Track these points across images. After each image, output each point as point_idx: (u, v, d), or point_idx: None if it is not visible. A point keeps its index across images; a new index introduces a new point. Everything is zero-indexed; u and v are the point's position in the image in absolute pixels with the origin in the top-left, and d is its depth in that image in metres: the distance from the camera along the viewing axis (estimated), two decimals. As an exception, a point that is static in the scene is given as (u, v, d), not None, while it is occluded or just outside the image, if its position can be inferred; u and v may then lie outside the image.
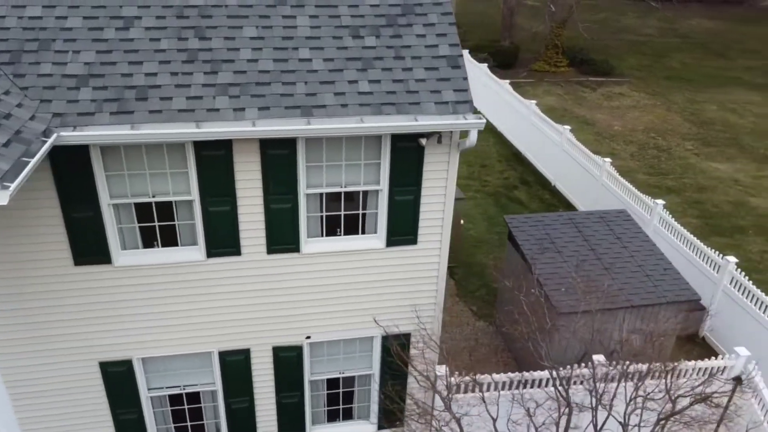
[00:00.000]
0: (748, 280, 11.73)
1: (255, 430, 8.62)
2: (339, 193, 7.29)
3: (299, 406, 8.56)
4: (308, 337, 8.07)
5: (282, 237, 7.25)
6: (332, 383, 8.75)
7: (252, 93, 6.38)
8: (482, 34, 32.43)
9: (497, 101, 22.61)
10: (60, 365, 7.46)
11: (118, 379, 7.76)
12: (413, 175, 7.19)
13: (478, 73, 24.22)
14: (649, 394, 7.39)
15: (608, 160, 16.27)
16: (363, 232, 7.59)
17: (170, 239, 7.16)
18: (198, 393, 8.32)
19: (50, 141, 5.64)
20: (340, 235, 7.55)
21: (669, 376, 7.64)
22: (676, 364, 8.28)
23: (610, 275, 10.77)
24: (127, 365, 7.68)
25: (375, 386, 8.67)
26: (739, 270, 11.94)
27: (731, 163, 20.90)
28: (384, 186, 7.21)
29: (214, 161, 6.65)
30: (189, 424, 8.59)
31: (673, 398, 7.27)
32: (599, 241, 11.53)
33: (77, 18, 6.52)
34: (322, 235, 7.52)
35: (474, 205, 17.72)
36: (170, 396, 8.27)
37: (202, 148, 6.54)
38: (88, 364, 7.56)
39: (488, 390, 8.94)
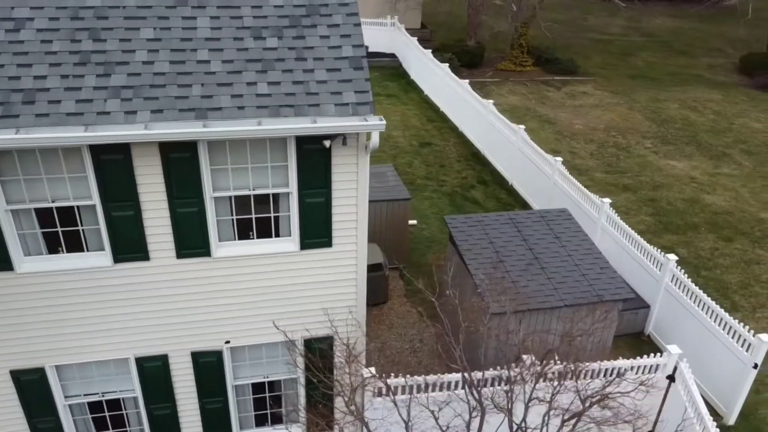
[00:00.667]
0: (692, 277, 11.80)
1: (179, 436, 8.53)
2: (249, 197, 7.21)
3: (224, 411, 8.47)
4: (228, 342, 7.98)
5: (191, 241, 7.17)
6: (259, 387, 8.67)
7: (145, 95, 6.29)
8: (449, 33, 32.54)
9: (458, 101, 22.66)
10: (-33, 375, 7.34)
11: (32, 388, 7.63)
12: (321, 177, 7.13)
13: (440, 74, 24.26)
14: (554, 395, 7.38)
15: (559, 159, 16.34)
16: (277, 236, 7.52)
17: (76, 245, 7.05)
18: (119, 400, 8.21)
19: (-74, 147, 5.51)
20: (253, 238, 7.47)
21: (582, 376, 7.64)
22: (586, 364, 8.29)
23: (546, 275, 10.80)
24: (39, 373, 7.55)
25: (301, 390, 8.60)
26: (680, 268, 12.02)
27: (688, 160, 21.09)
28: (293, 188, 7.15)
29: (113, 165, 6.55)
30: (112, 431, 8.47)
31: (582, 398, 7.27)
32: (538, 241, 11.55)
33: (-35, 20, 6.41)
34: (235, 239, 7.44)
35: (429, 205, 17.73)
36: (90, 403, 8.15)
37: (99, 152, 6.44)
38: (-2, 373, 7.44)
39: (401, 393, 8.90)
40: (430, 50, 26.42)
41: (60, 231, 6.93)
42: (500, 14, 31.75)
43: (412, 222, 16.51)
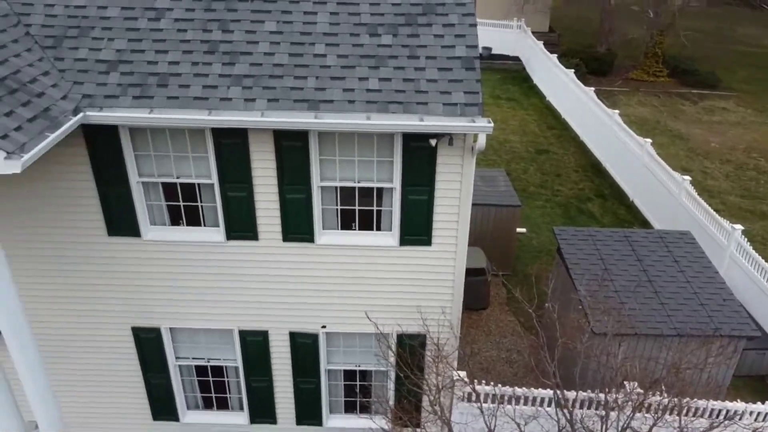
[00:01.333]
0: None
1: (274, 410, 8.94)
2: (354, 189, 7.41)
3: (316, 392, 8.78)
4: (324, 327, 8.26)
5: (297, 226, 7.49)
6: (350, 375, 8.89)
7: (264, 85, 6.65)
8: (577, 38, 31.34)
9: (581, 109, 21.80)
10: (97, 325, 8.13)
11: (148, 345, 8.34)
12: (426, 175, 7.17)
13: (565, 80, 23.46)
14: (652, 427, 6.91)
15: (688, 177, 15.25)
16: (378, 229, 7.67)
17: (195, 220, 7.60)
18: (222, 367, 8.75)
19: (75, 119, 6.20)
20: (355, 230, 7.67)
21: (687, 412, 7.10)
22: (693, 400, 7.67)
23: (659, 300, 10.12)
24: (155, 333, 8.23)
25: (390, 384, 8.71)
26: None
27: (843, 190, 18.88)
28: (397, 184, 7.25)
29: (232, 148, 6.99)
30: (214, 395, 9.06)
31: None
32: (653, 263, 10.85)
33: (116, 8, 7.10)
34: (338, 228, 7.68)
35: (541, 214, 17.23)
36: (197, 367, 8.76)
37: (219, 135, 6.90)
38: (121, 327, 8.18)
39: (486, 402, 8.72)
40: (556, 55, 25.61)
41: (182, 205, 7.51)
42: (635, 20, 30.11)
43: (520, 230, 16.13)
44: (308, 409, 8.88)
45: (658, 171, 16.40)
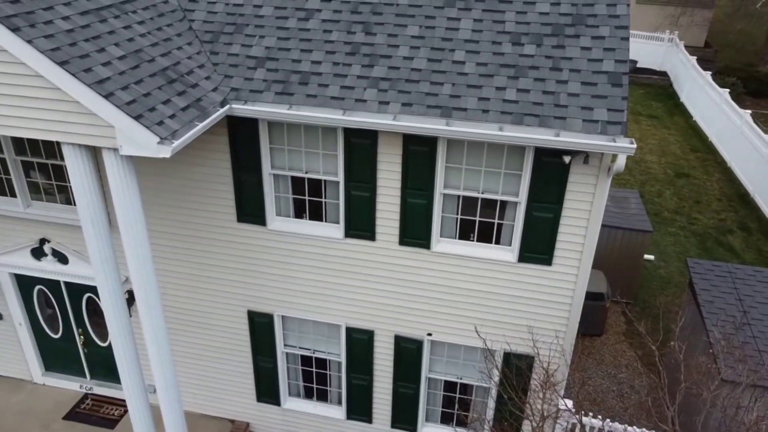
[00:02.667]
0: None
1: (371, 409, 9.02)
2: (476, 199, 7.25)
3: (414, 398, 8.74)
4: (430, 334, 8.19)
5: (414, 231, 7.46)
6: (451, 386, 8.76)
7: (399, 89, 6.66)
8: (737, 56, 28.81)
9: (732, 132, 20.02)
10: (218, 304, 8.63)
11: (261, 329, 8.71)
12: (554, 192, 6.86)
13: (717, 99, 21.66)
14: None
15: None
16: (497, 243, 7.46)
17: (317, 214, 7.82)
18: (326, 360, 8.96)
19: (221, 111, 6.56)
20: (472, 240, 7.52)
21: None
22: None
23: (805, 352, 9.04)
24: (268, 318, 8.59)
25: (491, 402, 8.48)
26: None
27: None
28: (522, 199, 7.01)
29: (360, 148, 7.09)
30: (315, 386, 9.30)
31: None
32: (802, 310, 9.71)
33: (270, 7, 7.42)
34: (456, 238, 7.56)
35: (673, 243, 16.04)
36: (302, 357, 9.04)
37: (351, 134, 7.02)
38: (239, 309, 8.62)
39: None
40: (710, 72, 23.70)
41: (307, 200, 7.74)
42: (809, 39, 27.18)
43: (648, 257, 15.11)
44: (404, 414, 8.86)
45: (818, 209, 14.69)
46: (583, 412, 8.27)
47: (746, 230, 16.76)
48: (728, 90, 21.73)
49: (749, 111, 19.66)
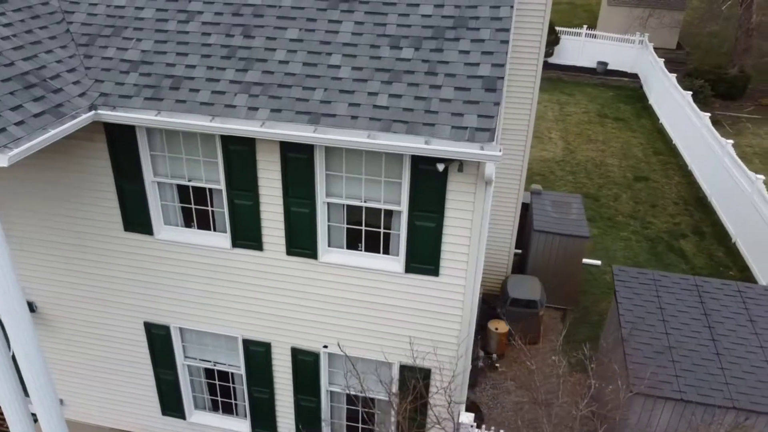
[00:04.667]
0: None
1: (275, 423, 8.79)
2: (361, 209, 7.03)
3: (316, 411, 8.51)
4: (326, 347, 7.96)
5: (300, 241, 7.24)
6: (355, 399, 8.53)
7: (271, 94, 6.43)
8: (707, 57, 28.63)
9: (693, 136, 19.84)
10: (114, 316, 8.39)
11: (159, 341, 8.47)
12: (435, 201, 6.64)
13: (681, 102, 21.50)
14: None
15: (799, 224, 13.31)
16: (385, 253, 7.24)
17: (205, 223, 7.58)
18: (227, 373, 8.72)
19: (84, 117, 6.33)
20: (360, 250, 7.29)
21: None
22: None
23: (720, 363, 8.82)
24: (165, 330, 8.34)
25: (393, 415, 8.24)
26: None
27: None
28: (404, 208, 6.78)
29: (240, 155, 6.86)
30: (220, 399, 9.06)
31: None
32: (723, 320, 9.50)
33: (151, 9, 7.19)
34: (344, 248, 7.34)
35: (623, 248, 15.84)
36: (206, 369, 8.80)
37: (227, 141, 6.79)
38: (135, 321, 8.37)
39: None
40: (678, 74, 23.55)
41: (194, 209, 7.51)
42: (779, 40, 27.02)
43: (595, 262, 14.96)
44: (309, 427, 8.63)
45: (767, 211, 14.49)
46: (487, 425, 8.04)
47: (699, 234, 16.57)
48: (691, 93, 21.55)
49: (708, 114, 19.48)
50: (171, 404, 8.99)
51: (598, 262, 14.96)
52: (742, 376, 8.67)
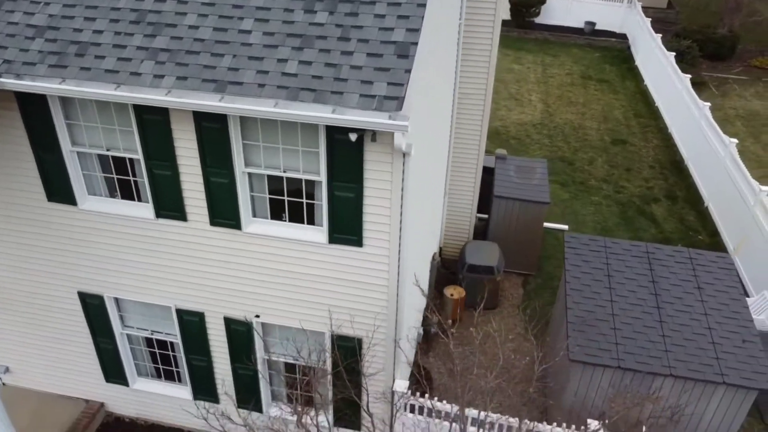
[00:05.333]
0: None
1: (215, 390, 8.83)
2: (284, 178, 6.88)
3: (254, 379, 8.53)
4: (258, 316, 7.92)
5: (223, 212, 7.11)
6: (292, 367, 8.53)
7: (178, 61, 6.22)
8: (697, 17, 27.90)
9: (674, 98, 19.45)
10: (49, 286, 8.33)
11: (94, 311, 8.44)
12: (352, 171, 6.48)
13: (663, 62, 21.03)
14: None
15: (766, 188, 13.09)
16: (310, 224, 7.12)
17: (130, 193, 7.45)
18: (166, 341, 8.71)
19: (-18, 86, 6.13)
20: (285, 221, 7.17)
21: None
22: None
23: (662, 331, 8.77)
24: (99, 300, 8.30)
25: (329, 382, 8.26)
26: None
27: None
28: (323, 178, 6.63)
29: (154, 125, 6.69)
30: (162, 367, 9.09)
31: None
32: (670, 287, 9.41)
33: (63, -28, 6.90)
34: (269, 218, 7.22)
35: (593, 212, 15.68)
36: (146, 338, 8.79)
37: (141, 110, 6.61)
38: (70, 291, 8.32)
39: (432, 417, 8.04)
40: (666, 34, 22.96)
41: (116, 178, 7.37)
42: (771, -2, 26.28)
43: (562, 227, 14.83)
44: (248, 395, 8.66)
45: (736, 175, 14.29)
46: (418, 393, 8.05)
47: (672, 199, 16.38)
48: (678, 53, 21.05)
49: (689, 76, 19.05)
50: (114, 372, 9.03)
51: (565, 227, 14.83)
52: (683, 343, 8.62)
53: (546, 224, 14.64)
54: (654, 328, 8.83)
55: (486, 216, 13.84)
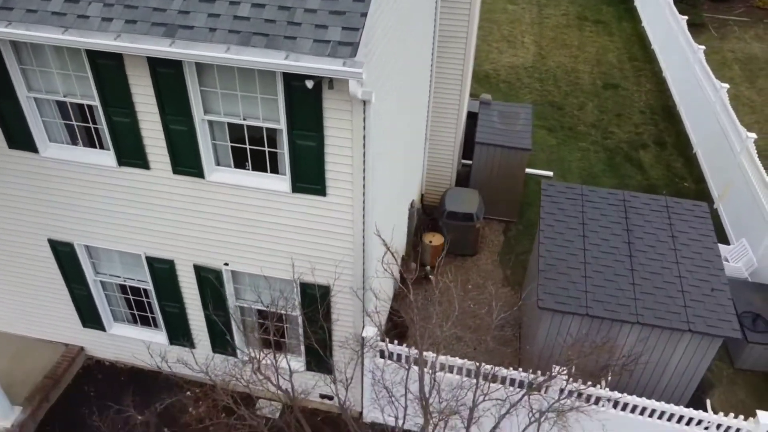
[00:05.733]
0: None
1: (190, 335, 8.95)
2: (245, 126, 6.74)
3: (227, 325, 8.63)
4: (226, 264, 7.94)
5: (185, 160, 7.02)
6: (264, 313, 8.61)
7: (127, 3, 5.98)
8: (701, -47, 26.75)
9: (670, 40, 18.93)
10: (17, 233, 8.33)
11: (66, 258, 8.46)
12: (312, 119, 6.34)
13: (660, 2, 20.37)
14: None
15: (753, 135, 12.89)
16: (273, 172, 7.03)
17: (92, 141, 7.33)
18: (139, 288, 8.78)
19: (-73, 30, 5.92)
20: (248, 170, 7.08)
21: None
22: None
23: (632, 279, 8.81)
24: (70, 247, 8.31)
25: (300, 329, 8.37)
26: None
27: None
28: (283, 126, 6.49)
29: (108, 70, 6.50)
30: (137, 312, 9.19)
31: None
32: (644, 236, 9.40)
33: None
34: (232, 167, 7.12)
35: (580, 158, 15.53)
36: (119, 285, 8.85)
37: (94, 55, 6.41)
38: (39, 238, 8.32)
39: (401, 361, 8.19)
40: (659, -27, 22.09)
41: (75, 125, 7.23)
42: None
43: (547, 173, 14.74)
44: (222, 340, 8.79)
45: (726, 122, 14.05)
46: (387, 340, 8.16)
47: (661, 145, 16.18)
48: (675, -8, 20.32)
49: (686, 18, 18.47)
50: (90, 317, 9.14)
51: (550, 173, 14.73)
52: (653, 291, 8.67)
53: (531, 171, 14.57)
54: (625, 276, 8.86)
55: (471, 162, 13.72)
